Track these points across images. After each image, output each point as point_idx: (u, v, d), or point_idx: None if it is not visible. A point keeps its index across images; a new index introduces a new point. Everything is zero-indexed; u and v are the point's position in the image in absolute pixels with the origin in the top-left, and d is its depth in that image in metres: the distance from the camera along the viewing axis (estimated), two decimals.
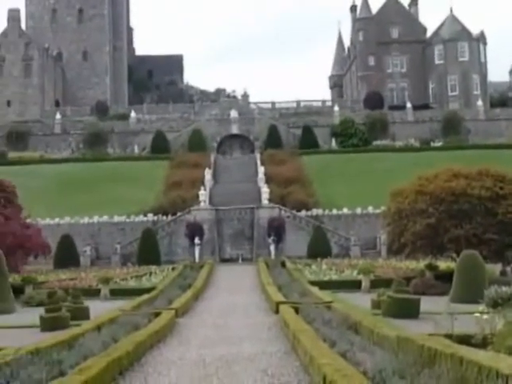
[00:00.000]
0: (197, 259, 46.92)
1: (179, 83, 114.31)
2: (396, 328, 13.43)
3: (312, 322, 15.36)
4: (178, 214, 51.54)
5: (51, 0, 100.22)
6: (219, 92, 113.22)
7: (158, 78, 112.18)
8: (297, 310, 17.86)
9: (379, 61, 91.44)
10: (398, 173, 51.17)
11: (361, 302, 20.99)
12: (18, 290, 26.77)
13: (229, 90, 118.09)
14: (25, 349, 11.52)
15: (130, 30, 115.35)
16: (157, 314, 18.20)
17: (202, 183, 55.65)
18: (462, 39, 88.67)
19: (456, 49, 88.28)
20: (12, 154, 70.79)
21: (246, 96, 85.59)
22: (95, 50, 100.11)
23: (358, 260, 39.95)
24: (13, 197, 38.38)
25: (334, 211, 52.71)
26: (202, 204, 51.79)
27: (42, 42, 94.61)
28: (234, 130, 75.12)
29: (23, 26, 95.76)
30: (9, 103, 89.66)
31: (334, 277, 31.09)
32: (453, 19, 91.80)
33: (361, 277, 28.52)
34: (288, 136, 73.94)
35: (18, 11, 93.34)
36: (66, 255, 44.97)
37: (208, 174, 58.29)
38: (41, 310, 19.39)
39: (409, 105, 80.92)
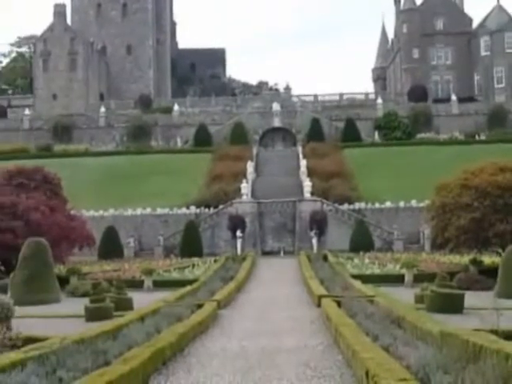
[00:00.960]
0: (239, 252, 47.08)
1: (222, 76, 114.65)
2: (440, 323, 13.27)
3: (354, 316, 15.28)
4: (221, 206, 51.78)
5: None
6: (261, 85, 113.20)
7: (200, 72, 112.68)
8: (339, 304, 17.78)
9: (423, 53, 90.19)
10: (442, 166, 50.47)
11: (404, 297, 20.78)
12: (63, 281, 27.26)
13: (271, 83, 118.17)
14: (70, 338, 11.73)
15: (173, 24, 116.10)
16: (199, 306, 18.33)
17: (244, 176, 55.74)
18: (509, 30, 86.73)
19: (503, 40, 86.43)
20: (57, 147, 71.98)
21: (288, 89, 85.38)
22: (139, 44, 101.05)
23: (400, 254, 39.55)
24: (58, 189, 39.02)
25: (377, 205, 52.30)
26: (244, 197, 51.92)
27: (87, 36, 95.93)
28: (276, 123, 75.01)
29: (68, 20, 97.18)
30: (54, 97, 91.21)
31: (377, 271, 30.86)
32: (499, 9, 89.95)
33: (404, 271, 28.24)
34: (330, 129, 73.53)
35: (63, 6, 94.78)
36: (110, 247, 45.62)
37: (250, 167, 58.37)
38: (85, 301, 19.72)
39: (453, 97, 79.58)
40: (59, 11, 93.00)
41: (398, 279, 28.01)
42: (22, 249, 25.04)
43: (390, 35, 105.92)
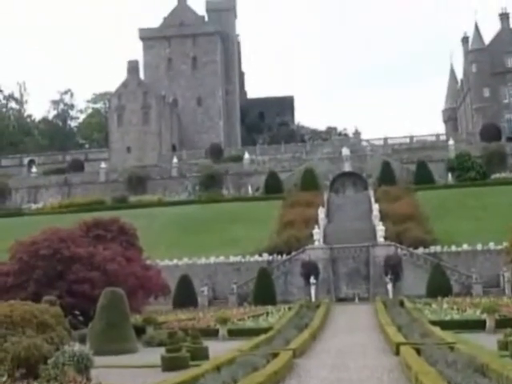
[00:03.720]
0: (313, 299, 46.60)
1: (290, 123, 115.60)
2: None
3: (435, 364, 14.79)
4: (293, 253, 51.58)
5: (167, 50, 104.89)
6: (330, 130, 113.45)
7: (269, 120, 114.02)
8: (418, 351, 17.26)
9: (494, 92, 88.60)
10: None
11: (486, 343, 20.01)
12: (139, 330, 27.54)
13: (340, 128, 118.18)
14: None
15: (241, 74, 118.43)
16: (275, 355, 18.13)
17: (316, 222, 55.49)
18: None
19: None
20: (132, 198, 73.73)
21: (357, 133, 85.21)
22: (209, 95, 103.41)
23: (480, 298, 38.22)
24: (134, 239, 39.76)
25: (453, 248, 51.02)
26: (316, 243, 51.60)
27: (159, 89, 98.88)
28: (347, 167, 74.74)
29: (141, 75, 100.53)
30: (129, 149, 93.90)
31: (456, 316, 29.87)
32: None
33: (485, 316, 27.23)
34: (402, 172, 72.68)
35: (136, 62, 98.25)
36: (185, 295, 46.01)
37: (321, 213, 58.11)
38: (161, 350, 19.83)
39: None
40: (132, 67, 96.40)
41: (478, 325, 27.02)
42: (100, 299, 25.52)
43: (459, 75, 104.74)
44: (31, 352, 14.86)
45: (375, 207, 58.20)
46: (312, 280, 48.35)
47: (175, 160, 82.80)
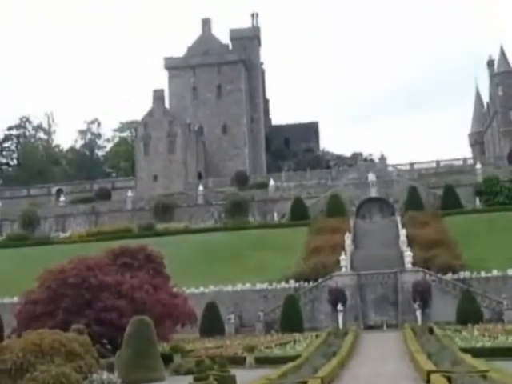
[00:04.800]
0: (340, 326, 46.14)
1: (316, 150, 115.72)
2: None
3: None
4: (320, 280, 51.25)
5: (192, 79, 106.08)
6: (356, 156, 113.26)
7: (294, 146, 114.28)
8: (449, 380, 16.98)
9: None
10: None
11: None
12: (167, 359, 27.48)
13: (365, 153, 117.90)
14: None
15: (266, 101, 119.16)
16: (303, 383, 17.96)
17: (343, 248, 55.15)
18: None
19: None
20: (159, 226, 74.05)
21: (383, 159, 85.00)
22: (234, 123, 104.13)
23: None
24: (161, 267, 39.86)
25: (483, 273, 50.28)
26: (343, 269, 51.25)
27: (184, 118, 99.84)
28: (373, 193, 74.42)
29: (167, 104, 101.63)
30: (155, 178, 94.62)
31: (488, 343, 29.34)
32: None
33: None
34: (429, 197, 72.12)
35: (161, 91, 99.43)
36: (212, 323, 45.88)
37: (348, 239, 57.78)
38: (189, 379, 19.77)
39: None
40: (158, 96, 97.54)
41: (511, 352, 26.49)
42: (127, 327, 25.55)
43: (485, 98, 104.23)
44: (60, 380, 14.95)
45: (402, 233, 57.73)
46: (339, 307, 47.92)
47: (201, 188, 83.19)
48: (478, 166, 77.68)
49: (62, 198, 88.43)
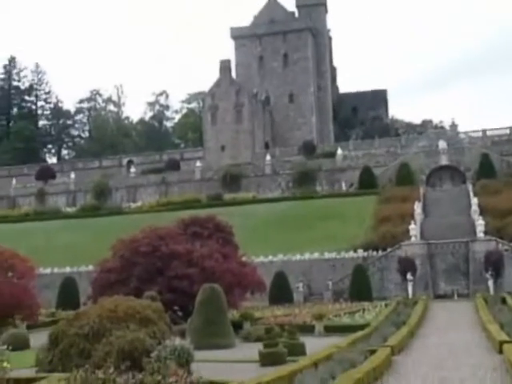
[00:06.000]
0: (410, 295, 45.82)
1: (384, 118, 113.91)
2: None
3: None
4: (389, 249, 50.87)
5: (258, 48, 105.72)
6: (426, 123, 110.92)
7: (362, 114, 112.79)
8: None
9: None
10: None
11: None
12: (236, 326, 27.96)
13: (435, 120, 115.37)
14: (248, 383, 11.97)
15: (333, 69, 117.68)
16: (372, 352, 17.99)
17: (412, 217, 54.44)
18: None
19: None
20: (227, 196, 74.80)
21: (454, 126, 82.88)
22: (300, 92, 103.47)
23: None
24: (230, 236, 40.30)
25: None
26: (413, 238, 50.66)
27: (251, 88, 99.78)
28: (444, 161, 72.91)
29: (233, 74, 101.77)
30: (223, 148, 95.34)
31: None
32: None
33: None
34: (502, 165, 70.15)
35: (228, 61, 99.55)
36: (280, 292, 46.31)
37: (418, 208, 56.97)
38: (258, 346, 20.06)
39: None
40: (224, 66, 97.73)
41: None
42: (198, 295, 26.07)
43: None
44: (135, 346, 15.44)
45: (474, 201, 56.48)
46: (409, 276, 47.53)
47: (268, 157, 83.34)
48: None
49: (132, 169, 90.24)
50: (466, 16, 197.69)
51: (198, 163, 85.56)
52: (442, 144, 73.44)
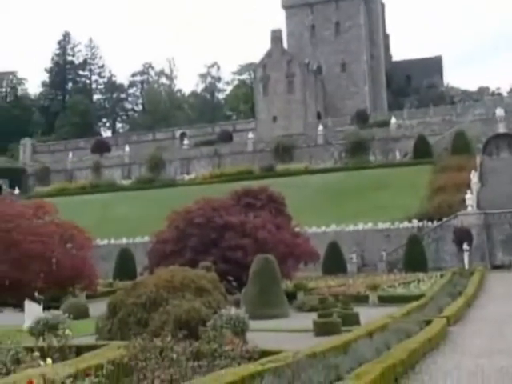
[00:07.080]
0: (466, 266, 45.19)
1: (439, 85, 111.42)
2: None
3: None
4: (444, 219, 50.15)
5: (309, 17, 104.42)
6: (482, 91, 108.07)
7: (416, 82, 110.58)
8: None
9: None
10: None
11: None
12: (290, 296, 28.16)
13: (492, 87, 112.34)
14: (303, 352, 12.04)
15: (386, 37, 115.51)
16: (428, 322, 17.86)
17: (468, 187, 53.43)
18: None
19: None
20: (279, 167, 74.75)
21: None
22: (353, 61, 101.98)
23: None
24: (282, 207, 40.36)
25: None
26: (469, 208, 49.78)
27: (302, 57, 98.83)
28: (501, 129, 71.09)
29: (285, 44, 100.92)
30: (275, 119, 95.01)
31: None
32: None
33: None
34: None
35: (279, 31, 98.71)
36: (334, 262, 46.31)
37: (474, 177, 55.86)
38: (313, 315, 20.16)
39: None
40: (276, 36, 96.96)
41: None
42: (252, 265, 26.30)
43: None
44: (191, 315, 15.71)
45: None
46: (465, 247, 46.84)
47: (320, 128, 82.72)
48: None
49: (185, 142, 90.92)
50: None
51: (250, 135, 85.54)
52: (500, 111, 71.57)
